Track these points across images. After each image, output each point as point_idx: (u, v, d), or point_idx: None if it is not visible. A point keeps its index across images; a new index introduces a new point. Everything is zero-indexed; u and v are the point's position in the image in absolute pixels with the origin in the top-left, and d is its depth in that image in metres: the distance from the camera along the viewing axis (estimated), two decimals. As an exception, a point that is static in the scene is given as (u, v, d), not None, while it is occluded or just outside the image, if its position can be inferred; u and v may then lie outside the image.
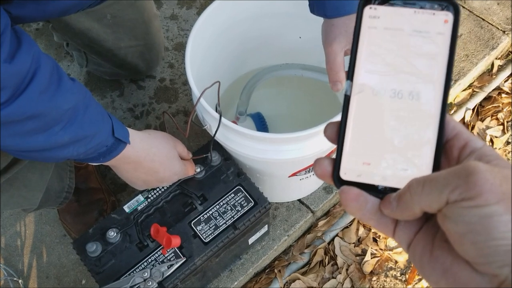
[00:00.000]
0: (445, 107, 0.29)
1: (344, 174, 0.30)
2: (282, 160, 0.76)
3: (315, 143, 0.75)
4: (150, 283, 0.72)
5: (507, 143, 1.22)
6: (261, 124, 1.02)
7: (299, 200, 1.04)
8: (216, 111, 0.72)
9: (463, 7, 1.25)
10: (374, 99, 0.30)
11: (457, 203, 0.24)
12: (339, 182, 0.30)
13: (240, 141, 0.76)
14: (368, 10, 0.30)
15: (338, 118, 0.30)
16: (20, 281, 0.98)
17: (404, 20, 0.30)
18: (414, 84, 0.29)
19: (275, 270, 1.04)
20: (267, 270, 1.05)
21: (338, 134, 0.30)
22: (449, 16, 0.29)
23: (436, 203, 0.25)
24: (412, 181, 0.26)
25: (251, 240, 0.92)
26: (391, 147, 0.29)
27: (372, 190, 0.29)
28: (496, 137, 1.22)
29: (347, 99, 0.30)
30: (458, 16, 0.29)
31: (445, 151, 0.29)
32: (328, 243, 1.08)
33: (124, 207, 0.78)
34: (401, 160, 0.29)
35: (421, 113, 0.29)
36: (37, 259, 1.00)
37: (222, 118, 0.71)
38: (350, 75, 0.30)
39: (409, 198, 0.26)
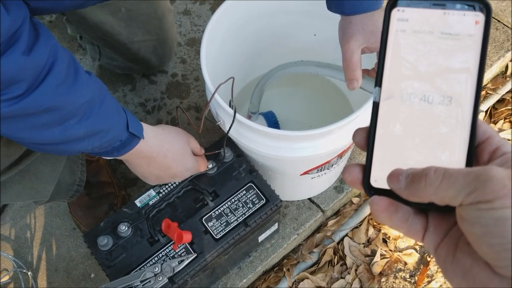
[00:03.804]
0: (477, 110, 0.28)
1: (375, 182, 0.29)
2: (295, 158, 0.75)
3: (328, 142, 0.75)
4: (161, 278, 0.72)
5: (520, 146, 1.21)
6: (273, 122, 1.01)
7: (309, 199, 1.03)
8: (230, 107, 0.72)
9: (479, 7, 1.23)
10: (404, 105, 0.29)
11: (473, 205, 0.24)
12: (370, 189, 0.29)
13: (253, 137, 0.75)
14: (396, 13, 0.29)
15: (362, 123, 0.30)
16: (29, 273, 0.98)
17: (433, 22, 0.29)
18: (445, 89, 0.29)
19: (284, 269, 1.04)
20: (275, 269, 1.04)
21: (367, 140, 0.30)
22: (480, 16, 0.28)
23: (449, 200, 0.25)
24: (430, 170, 0.26)
25: (261, 238, 0.91)
26: (422, 153, 0.29)
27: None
28: (509, 140, 1.20)
29: (375, 105, 0.30)
30: (490, 16, 0.28)
31: (476, 155, 0.28)
32: (338, 243, 1.07)
33: (135, 201, 0.78)
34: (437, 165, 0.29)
35: (452, 117, 0.28)
36: (46, 252, 1.01)
37: (236, 114, 0.71)
38: (378, 81, 0.29)
39: (423, 186, 0.26)
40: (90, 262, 0.99)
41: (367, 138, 0.30)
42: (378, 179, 0.29)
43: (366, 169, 0.30)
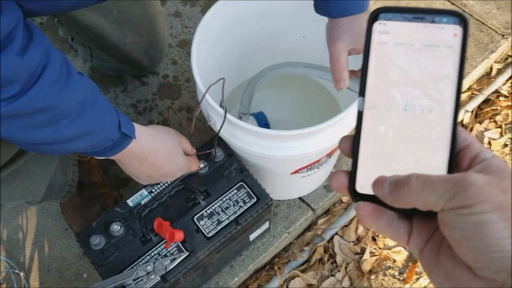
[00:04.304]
0: (457, 118, 0.29)
1: (360, 188, 0.30)
2: (284, 157, 0.77)
3: (317, 141, 0.76)
4: (153, 276, 0.72)
5: (505, 145, 1.23)
6: (263, 123, 1.03)
7: (300, 198, 1.05)
8: (221, 107, 0.73)
9: (464, 10, 1.26)
10: (387, 113, 0.30)
11: (453, 210, 0.25)
12: (356, 195, 0.30)
13: (243, 137, 0.77)
14: (378, 26, 0.30)
15: (350, 123, 0.31)
16: (21, 273, 0.98)
17: (413, 35, 0.30)
18: (426, 98, 0.29)
19: (275, 267, 1.05)
20: (267, 267, 1.06)
21: (352, 148, 0.31)
22: (457, 29, 0.29)
23: (431, 206, 0.26)
24: (412, 177, 0.27)
25: (252, 237, 0.93)
26: (405, 160, 0.30)
27: None
28: (494, 139, 1.23)
29: (360, 114, 0.30)
30: (467, 29, 0.29)
31: (456, 162, 0.29)
32: (328, 241, 1.09)
33: (127, 201, 0.79)
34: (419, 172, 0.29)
35: (434, 126, 0.29)
36: (38, 252, 1.01)
37: (227, 114, 0.72)
38: (361, 91, 0.30)
39: (405, 193, 0.27)
40: (83, 262, 1.00)
41: (352, 145, 0.31)
42: (364, 185, 0.30)
43: (352, 175, 0.30)
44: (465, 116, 1.24)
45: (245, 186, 0.81)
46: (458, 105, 0.29)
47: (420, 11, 0.30)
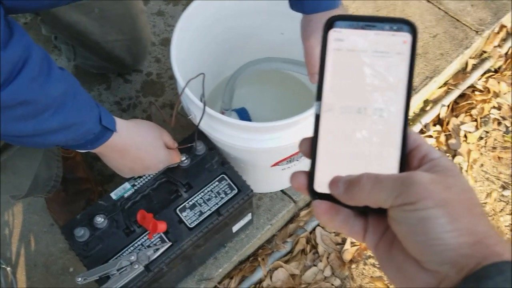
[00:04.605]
0: (407, 121, 0.31)
1: (318, 187, 0.32)
2: (264, 149, 0.79)
3: (294, 133, 0.79)
4: (137, 266, 0.75)
5: (480, 138, 1.28)
6: (246, 119, 1.05)
7: (282, 190, 1.07)
8: (201, 101, 0.76)
9: (439, 8, 1.30)
10: (342, 116, 0.32)
11: (400, 207, 0.27)
12: (314, 194, 0.32)
13: (224, 130, 0.79)
14: (333, 33, 0.32)
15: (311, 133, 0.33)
16: (8, 269, 1.00)
17: (366, 42, 0.31)
18: (378, 102, 0.31)
19: (259, 258, 1.07)
20: (251, 259, 1.08)
21: (311, 149, 0.32)
22: (407, 37, 0.31)
23: (380, 203, 0.28)
24: (363, 176, 0.29)
25: (235, 228, 0.95)
26: (359, 160, 0.32)
27: None
28: (469, 132, 1.27)
29: (317, 117, 0.32)
30: (416, 36, 0.31)
31: (407, 162, 0.31)
32: (310, 233, 1.12)
33: (111, 194, 0.81)
34: (370, 172, 0.30)
35: (385, 128, 0.31)
36: (25, 248, 1.02)
37: (206, 108, 0.75)
38: (318, 95, 0.32)
39: (357, 191, 0.28)
40: (69, 256, 1.01)
41: (311, 147, 0.32)
42: (321, 185, 0.31)
43: (310, 176, 0.32)
44: (441, 110, 1.28)
45: (226, 178, 0.83)
46: (408, 108, 0.31)
47: (372, 19, 0.31)
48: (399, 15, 1.29)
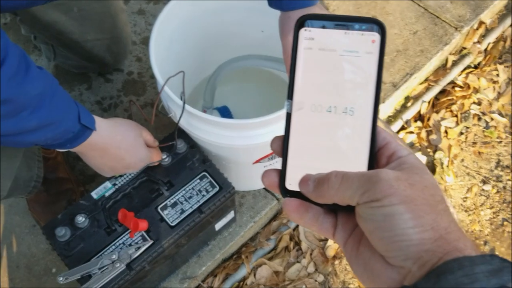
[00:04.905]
0: (376, 119, 0.32)
1: (289, 185, 0.32)
2: (245, 146, 0.80)
3: (276, 130, 0.80)
4: (118, 265, 0.75)
5: (461, 133, 1.30)
6: (227, 116, 1.06)
7: (264, 188, 1.08)
8: (181, 99, 0.76)
9: (419, 5, 1.32)
10: (313, 115, 0.32)
11: (366, 204, 0.27)
12: (285, 192, 0.32)
13: (204, 128, 0.79)
14: (304, 32, 0.32)
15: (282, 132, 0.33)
16: (-11, 271, 0.99)
17: (336, 41, 0.32)
18: (348, 100, 0.32)
19: (243, 256, 1.08)
20: (234, 256, 1.09)
21: (282, 148, 0.33)
22: (376, 36, 0.32)
23: (348, 200, 0.28)
24: (331, 174, 0.29)
25: (218, 226, 0.95)
26: (329, 158, 0.32)
27: None
28: (450, 128, 1.29)
29: (288, 116, 0.33)
30: (385, 36, 0.32)
31: (376, 159, 0.32)
32: (293, 229, 1.13)
33: (92, 193, 0.81)
34: (340, 170, 0.31)
35: (355, 126, 0.32)
36: (7, 249, 1.01)
37: (186, 105, 0.75)
38: (289, 94, 0.33)
39: (326, 189, 0.29)
40: (51, 257, 1.00)
41: (282, 145, 0.33)
42: (292, 183, 0.32)
43: (282, 174, 0.32)
44: (422, 106, 1.30)
45: (208, 176, 0.83)
46: (377, 107, 0.31)
47: (342, 18, 0.32)
48: (380, 12, 1.31)
